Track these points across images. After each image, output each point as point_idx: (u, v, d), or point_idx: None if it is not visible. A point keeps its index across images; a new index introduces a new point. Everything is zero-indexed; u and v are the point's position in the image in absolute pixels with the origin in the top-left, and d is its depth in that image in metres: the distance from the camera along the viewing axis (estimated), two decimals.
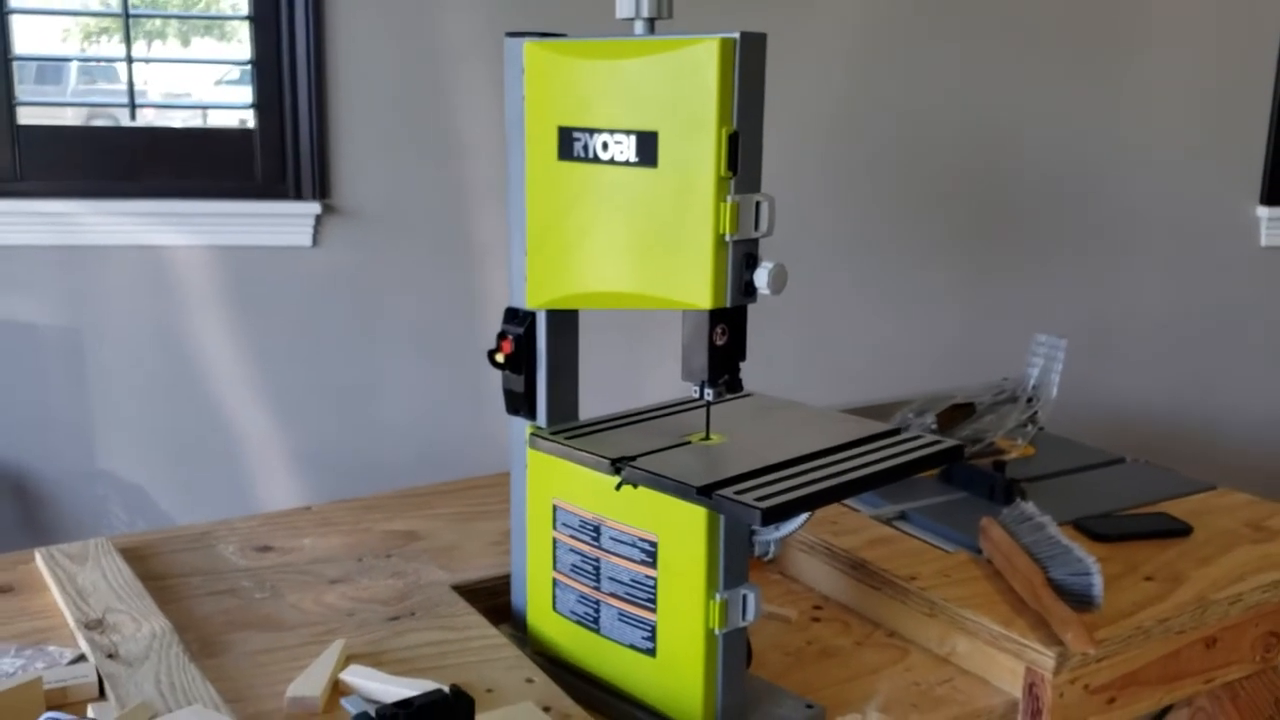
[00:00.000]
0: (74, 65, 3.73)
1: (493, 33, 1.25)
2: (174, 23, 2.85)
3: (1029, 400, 1.90)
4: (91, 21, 2.76)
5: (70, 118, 2.93)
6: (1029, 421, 1.87)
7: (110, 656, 1.17)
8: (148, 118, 2.73)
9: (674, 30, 1.09)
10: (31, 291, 2.45)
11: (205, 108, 3.02)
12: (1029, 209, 3.02)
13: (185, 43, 2.96)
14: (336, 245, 2.55)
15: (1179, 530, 1.54)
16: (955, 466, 1.69)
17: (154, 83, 3.19)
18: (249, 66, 2.49)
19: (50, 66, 3.68)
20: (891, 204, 2.93)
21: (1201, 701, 1.58)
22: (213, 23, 2.79)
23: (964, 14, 2.86)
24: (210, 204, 2.48)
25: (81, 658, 1.20)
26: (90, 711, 1.11)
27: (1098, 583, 1.29)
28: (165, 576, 1.41)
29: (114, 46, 2.41)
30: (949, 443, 1.20)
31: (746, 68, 1.04)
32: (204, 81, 3.16)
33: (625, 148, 1.10)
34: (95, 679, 1.14)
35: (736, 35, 1.02)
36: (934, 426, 1.81)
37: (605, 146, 1.12)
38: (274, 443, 2.61)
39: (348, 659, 1.20)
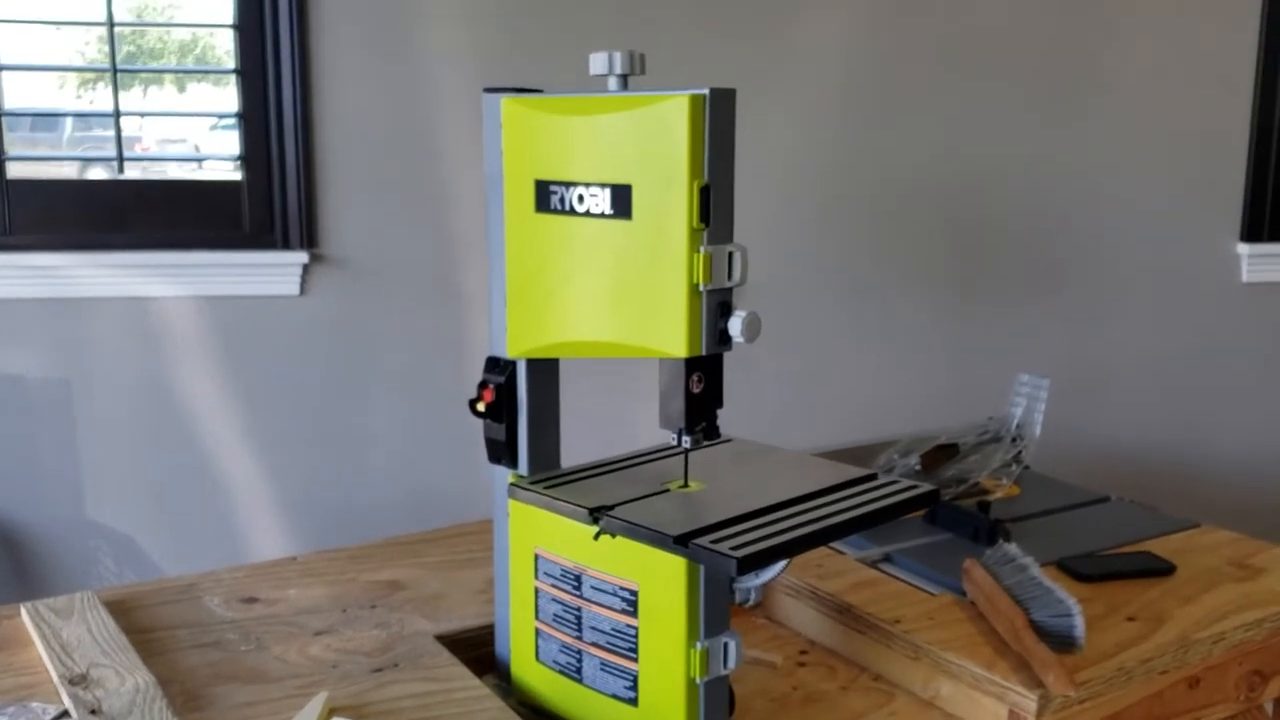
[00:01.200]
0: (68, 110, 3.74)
1: (477, 85, 1.27)
2: (171, 65, 2.88)
3: (1013, 440, 1.91)
4: (85, 65, 2.78)
5: (66, 168, 2.96)
6: (1013, 461, 1.88)
7: (94, 712, 1.17)
8: (142, 165, 2.75)
9: (652, 82, 1.11)
10: (20, 344, 2.46)
11: (193, 160, 3.05)
12: (1012, 250, 3.04)
13: (181, 88, 2.99)
14: (324, 294, 2.56)
15: (1162, 569, 1.55)
16: (940, 507, 1.69)
17: (149, 129, 3.22)
18: (236, 119, 2.52)
19: (44, 114, 3.69)
20: (877, 247, 2.94)
21: None
22: (210, 67, 2.82)
23: (946, 58, 2.90)
24: (198, 255, 2.49)
25: (65, 714, 1.19)
26: None
27: (1079, 624, 1.30)
28: (151, 629, 1.41)
29: (109, 95, 2.43)
30: (925, 487, 1.21)
31: (717, 122, 1.05)
32: (200, 126, 3.19)
33: (600, 200, 1.12)
34: None
35: (706, 92, 1.04)
36: (918, 467, 1.82)
37: (581, 199, 1.13)
38: (263, 491, 2.61)
39: (331, 711, 1.20)
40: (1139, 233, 3.11)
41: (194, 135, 3.34)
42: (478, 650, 1.38)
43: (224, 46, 2.68)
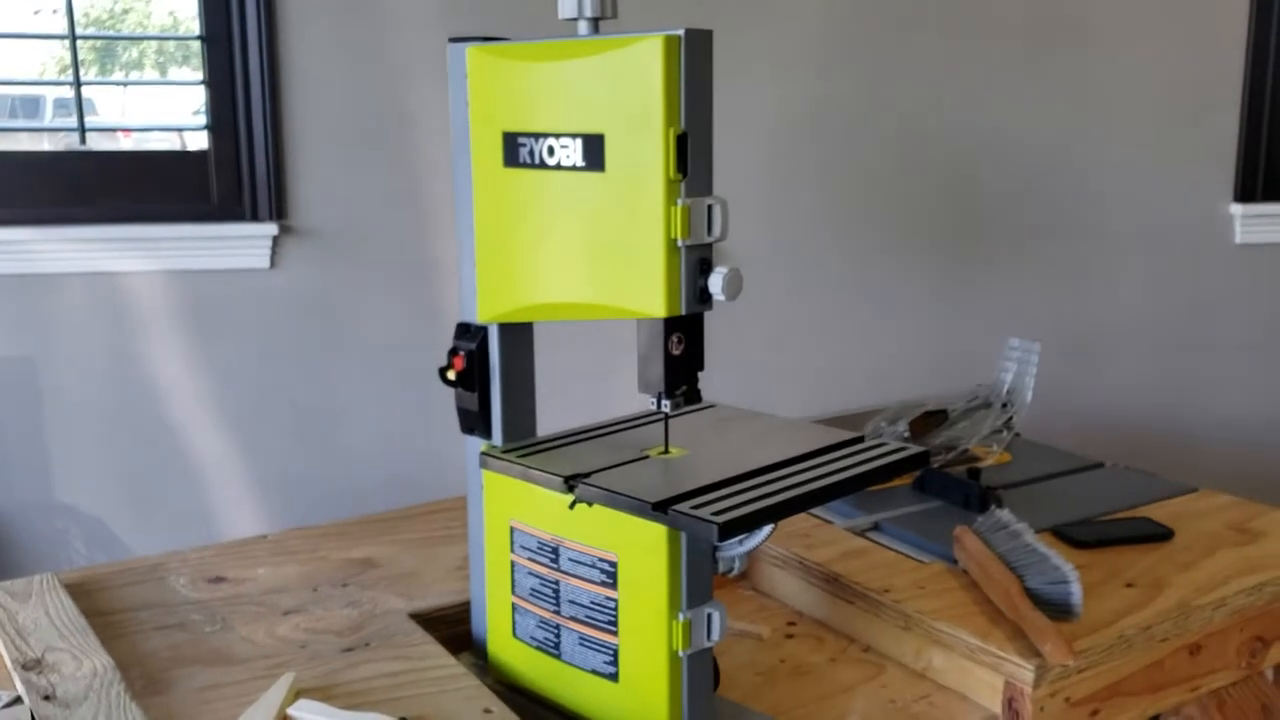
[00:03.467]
0: (50, 98, 3.71)
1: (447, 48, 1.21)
2: (151, 53, 2.80)
3: (1003, 406, 1.87)
4: (66, 54, 2.71)
5: (47, 145, 2.88)
6: (1004, 427, 1.83)
7: (46, 698, 1.12)
8: (127, 144, 2.69)
9: (623, 30, 1.06)
10: None
11: (160, 130, 2.97)
12: (1002, 213, 2.99)
13: (163, 72, 2.91)
14: (295, 267, 2.50)
15: (1160, 535, 1.51)
16: (929, 474, 1.65)
17: (132, 110, 3.14)
18: (203, 86, 2.45)
19: (27, 99, 3.66)
20: (862, 211, 2.90)
21: (1190, 710, 1.55)
22: (189, 51, 2.74)
23: (930, 17, 2.84)
24: (165, 228, 2.42)
25: (18, 700, 1.14)
26: None
27: (1076, 591, 1.25)
28: (112, 612, 1.36)
29: (91, 75, 2.35)
30: (913, 449, 1.16)
31: (693, 66, 1.00)
32: (184, 108, 3.12)
33: (572, 152, 1.06)
34: None
35: (681, 32, 0.98)
36: (907, 434, 1.78)
37: (551, 151, 1.08)
38: (236, 469, 2.55)
39: (297, 693, 1.15)
40: (1131, 194, 3.07)
41: (179, 116, 3.27)
42: (453, 628, 1.34)
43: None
